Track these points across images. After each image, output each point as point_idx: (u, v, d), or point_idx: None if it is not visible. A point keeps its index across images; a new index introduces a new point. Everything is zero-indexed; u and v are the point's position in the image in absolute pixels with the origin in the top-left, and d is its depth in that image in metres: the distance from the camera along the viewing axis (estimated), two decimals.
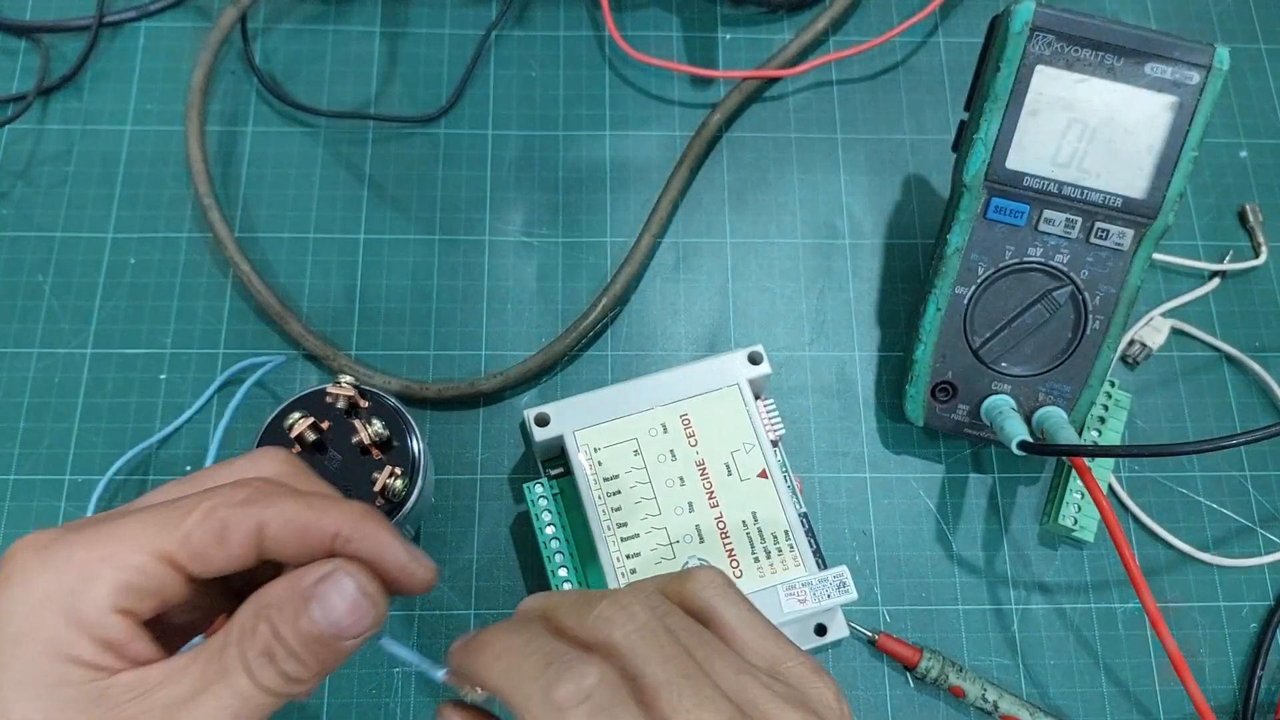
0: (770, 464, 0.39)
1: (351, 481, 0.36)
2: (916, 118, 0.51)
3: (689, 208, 0.49)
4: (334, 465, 0.36)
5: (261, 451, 0.27)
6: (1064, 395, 0.42)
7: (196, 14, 0.51)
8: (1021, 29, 0.39)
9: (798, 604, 0.37)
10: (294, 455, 0.28)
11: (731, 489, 0.39)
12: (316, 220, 0.48)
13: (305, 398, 0.37)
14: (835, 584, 0.37)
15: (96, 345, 0.45)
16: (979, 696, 0.41)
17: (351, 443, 0.36)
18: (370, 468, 0.36)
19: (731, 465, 0.39)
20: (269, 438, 0.36)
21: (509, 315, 0.47)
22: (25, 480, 0.43)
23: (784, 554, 0.38)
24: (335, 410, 0.37)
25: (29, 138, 0.48)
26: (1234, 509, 0.45)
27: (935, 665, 0.41)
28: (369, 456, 0.37)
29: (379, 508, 0.36)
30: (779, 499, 0.39)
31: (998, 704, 0.40)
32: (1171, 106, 0.39)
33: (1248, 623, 0.43)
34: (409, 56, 0.51)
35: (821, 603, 0.37)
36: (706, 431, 0.40)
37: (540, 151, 0.49)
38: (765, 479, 0.39)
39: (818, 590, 0.37)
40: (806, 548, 0.38)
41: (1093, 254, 0.41)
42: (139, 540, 0.24)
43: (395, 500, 0.36)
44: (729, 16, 0.53)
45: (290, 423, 0.36)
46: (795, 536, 0.38)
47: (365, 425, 0.36)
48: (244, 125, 0.49)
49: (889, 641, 0.41)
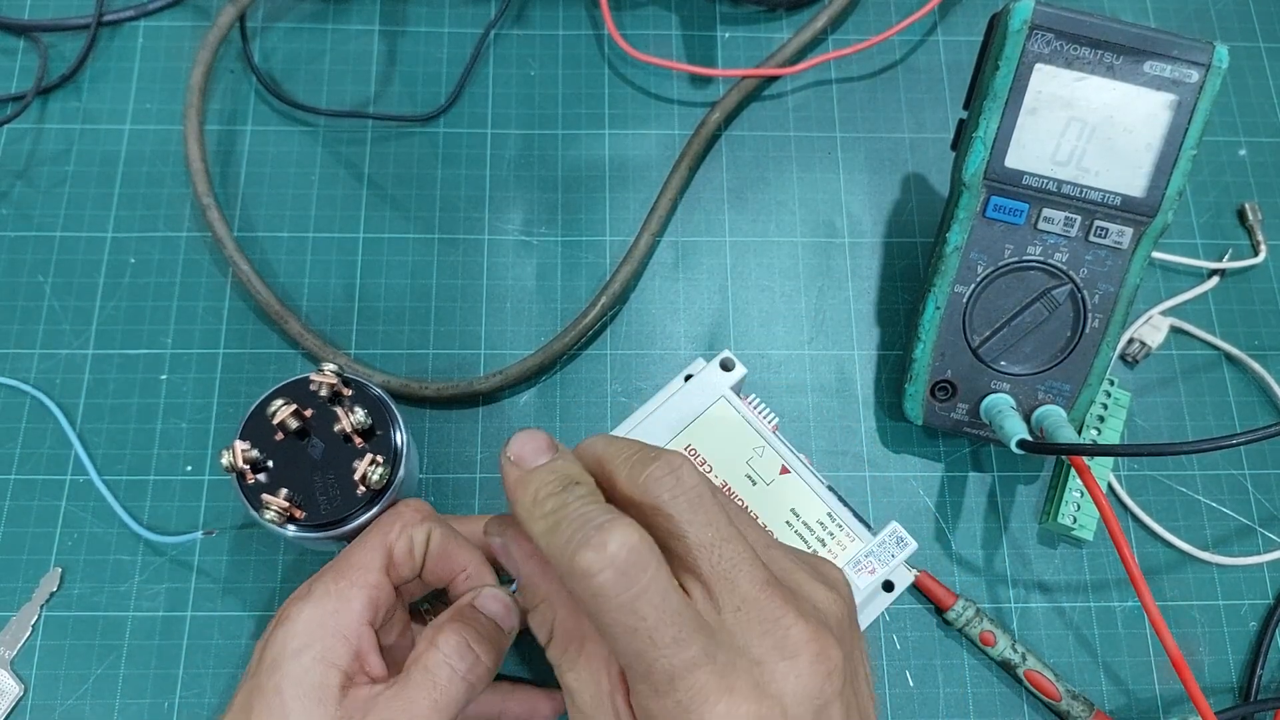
0: (786, 458, 0.39)
1: (334, 469, 0.36)
2: (915, 116, 0.51)
3: (688, 206, 0.49)
4: (316, 452, 0.36)
5: (409, 501, 0.36)
6: (1063, 394, 0.42)
7: (195, 13, 0.51)
8: (1020, 27, 0.39)
9: (869, 575, 0.38)
10: (428, 504, 0.36)
11: (763, 497, 0.39)
12: (315, 219, 0.48)
13: (289, 385, 0.37)
14: (894, 542, 0.38)
15: (98, 346, 0.45)
16: (1008, 646, 0.41)
17: (334, 430, 0.36)
18: (351, 455, 0.36)
19: (753, 475, 0.39)
20: (252, 424, 0.36)
21: (508, 314, 0.47)
22: (25, 480, 0.43)
23: (836, 536, 0.38)
24: (318, 398, 0.37)
25: (28, 137, 0.48)
26: (1233, 508, 0.45)
27: (969, 611, 0.42)
28: (351, 445, 0.37)
29: (360, 496, 0.36)
30: (809, 487, 0.39)
31: (1026, 656, 0.41)
32: (1171, 105, 0.39)
33: (1247, 621, 0.43)
34: (408, 55, 0.51)
35: (888, 564, 0.38)
36: (716, 454, 0.39)
37: (539, 150, 0.49)
38: (788, 474, 0.39)
39: (880, 555, 0.38)
40: (853, 520, 0.39)
41: (1092, 252, 0.41)
42: (371, 564, 0.33)
43: (375, 488, 0.36)
44: (728, 15, 0.53)
45: (273, 410, 0.36)
46: (839, 515, 0.39)
47: (348, 413, 0.36)
48: (243, 124, 0.49)
49: (928, 580, 0.42)
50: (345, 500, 0.36)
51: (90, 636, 0.41)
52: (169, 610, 0.41)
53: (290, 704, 0.30)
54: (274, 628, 0.33)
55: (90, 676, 0.40)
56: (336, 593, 0.32)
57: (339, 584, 0.33)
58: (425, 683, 0.31)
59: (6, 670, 0.40)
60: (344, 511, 0.36)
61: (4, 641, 0.41)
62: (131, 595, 0.41)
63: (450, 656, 0.31)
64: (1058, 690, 0.41)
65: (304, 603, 0.32)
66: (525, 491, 0.27)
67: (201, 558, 0.42)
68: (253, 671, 0.32)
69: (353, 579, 0.33)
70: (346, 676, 0.31)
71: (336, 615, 0.32)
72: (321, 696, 0.31)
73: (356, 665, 0.32)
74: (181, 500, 0.43)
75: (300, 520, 0.36)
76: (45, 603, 0.41)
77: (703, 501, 0.26)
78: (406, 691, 0.31)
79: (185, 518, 0.43)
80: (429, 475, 0.44)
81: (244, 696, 0.32)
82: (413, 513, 0.35)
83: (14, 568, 0.42)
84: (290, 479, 0.36)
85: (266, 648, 0.32)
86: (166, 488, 0.43)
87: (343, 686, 0.31)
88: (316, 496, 0.36)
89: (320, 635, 0.31)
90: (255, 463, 0.36)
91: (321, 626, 0.32)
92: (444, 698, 0.31)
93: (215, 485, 0.43)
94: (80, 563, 0.42)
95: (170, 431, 0.44)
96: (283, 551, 0.42)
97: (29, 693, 0.40)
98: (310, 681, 0.31)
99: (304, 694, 0.31)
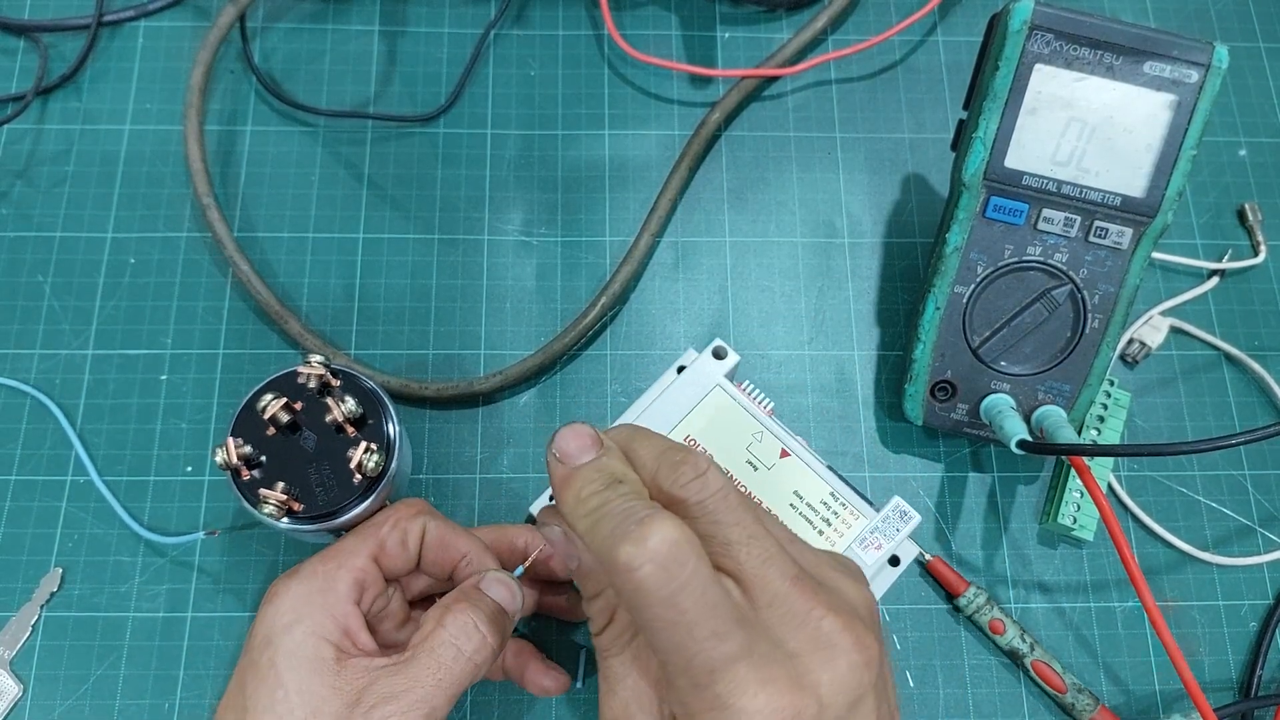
0: (785, 441, 0.40)
1: (328, 460, 0.36)
2: (915, 117, 0.51)
3: (688, 207, 0.49)
4: (309, 444, 0.36)
5: (406, 500, 0.37)
6: (1063, 394, 0.42)
7: (195, 13, 0.51)
8: (1020, 28, 0.39)
9: (875, 552, 0.38)
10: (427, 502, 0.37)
11: (765, 482, 0.39)
12: (315, 220, 0.48)
13: (277, 379, 0.37)
14: (897, 516, 0.38)
15: (97, 346, 0.45)
16: (1017, 636, 0.41)
17: (325, 421, 0.37)
18: (345, 445, 0.36)
19: (754, 460, 0.39)
20: (243, 420, 0.36)
21: (508, 314, 0.47)
22: (25, 481, 0.43)
23: (840, 514, 0.39)
24: (308, 391, 0.37)
25: (28, 137, 0.48)
26: (1233, 508, 0.45)
27: (981, 598, 0.42)
28: (344, 435, 0.37)
29: (356, 484, 0.36)
30: (809, 468, 0.39)
31: (1034, 646, 0.41)
32: (1170, 105, 0.39)
33: (1247, 622, 0.43)
34: (408, 55, 0.51)
35: (894, 539, 0.38)
36: (716, 443, 0.40)
37: (539, 151, 0.49)
38: (788, 457, 0.40)
39: (885, 530, 0.38)
40: (855, 497, 0.39)
41: (1092, 253, 0.41)
42: (358, 550, 0.34)
43: (371, 476, 0.36)
44: (728, 15, 0.53)
45: (264, 404, 0.36)
46: (841, 494, 0.39)
47: (338, 403, 0.36)
48: (243, 125, 0.49)
49: (940, 565, 0.43)
50: (342, 490, 0.36)
51: (90, 637, 0.41)
52: (169, 611, 0.41)
53: (285, 676, 0.31)
54: (263, 607, 0.33)
55: (90, 677, 0.40)
56: (324, 573, 0.33)
57: (325, 565, 0.33)
58: (430, 662, 0.31)
59: (6, 671, 0.40)
60: (341, 501, 0.36)
61: (3, 642, 0.41)
62: (132, 596, 0.41)
63: (457, 637, 0.32)
64: (1064, 683, 0.41)
65: (291, 580, 0.33)
66: (569, 490, 0.28)
67: (201, 558, 0.42)
68: (245, 650, 0.33)
69: (340, 561, 0.34)
70: (339, 650, 0.32)
71: (323, 594, 0.32)
72: (316, 668, 0.31)
73: (347, 641, 0.32)
74: (181, 501, 0.43)
75: (298, 513, 0.36)
76: (45, 603, 0.41)
77: (729, 501, 0.27)
78: (411, 669, 0.31)
79: (185, 518, 0.43)
80: (429, 475, 0.44)
81: (238, 675, 0.32)
82: (407, 508, 0.36)
83: (14, 568, 0.42)
84: (286, 473, 0.36)
85: (257, 626, 0.33)
86: (166, 488, 0.43)
87: (337, 659, 0.31)
88: (313, 488, 0.36)
89: (308, 611, 0.32)
90: (250, 459, 0.36)
91: (308, 603, 0.32)
92: (448, 677, 0.31)
93: (215, 486, 0.43)
94: (80, 563, 0.42)
95: (170, 432, 0.44)
96: (283, 552, 0.42)
97: (28, 693, 0.40)
98: (303, 654, 0.31)
99: (298, 666, 0.31)
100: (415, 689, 0.31)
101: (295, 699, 0.30)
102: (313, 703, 0.30)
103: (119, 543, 0.42)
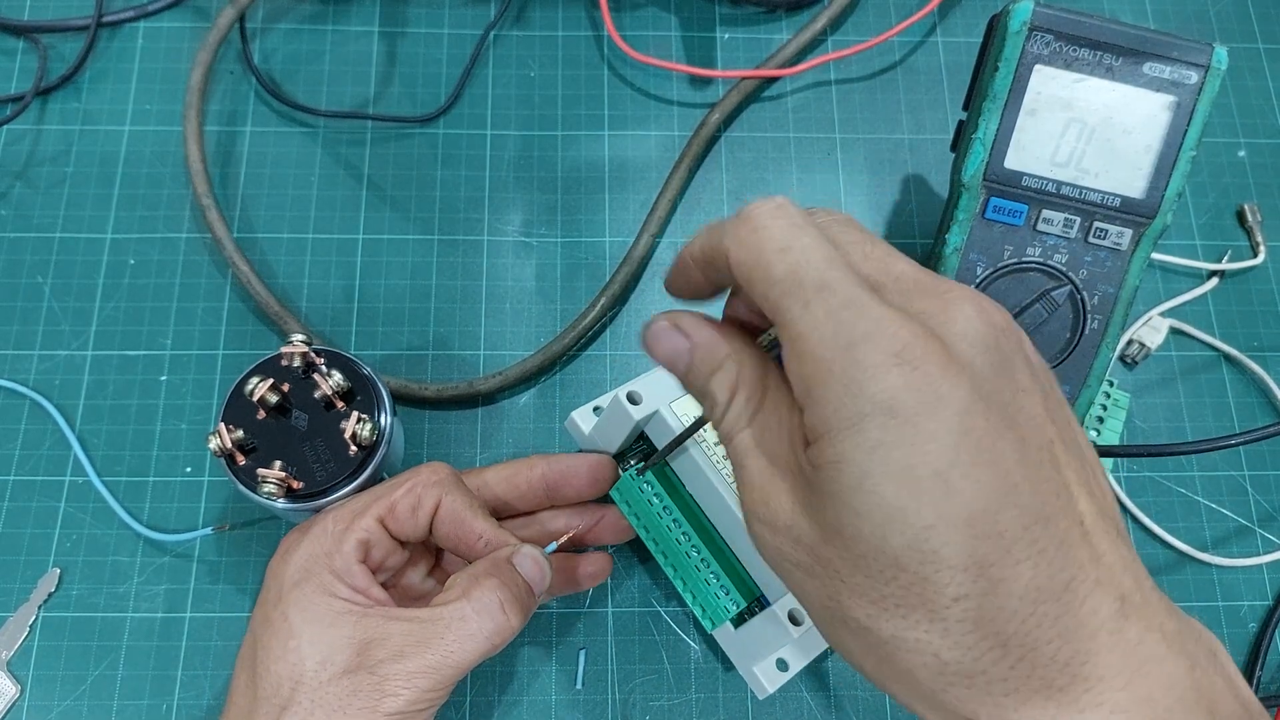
0: None
1: (322, 436, 0.37)
2: (915, 117, 0.51)
3: (688, 207, 0.49)
4: (302, 424, 0.37)
5: (431, 464, 0.36)
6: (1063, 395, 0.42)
7: (195, 14, 0.51)
8: (1020, 28, 0.39)
9: None
10: (452, 468, 0.36)
11: None
12: (315, 220, 0.48)
13: (263, 364, 0.37)
14: None
15: (97, 347, 0.45)
16: None
17: (315, 398, 0.37)
18: (337, 419, 0.37)
19: None
20: (232, 405, 0.36)
21: (507, 315, 0.47)
22: (24, 481, 0.43)
23: None
24: (294, 371, 0.37)
25: (27, 138, 0.48)
26: (1232, 509, 0.45)
27: None
28: (334, 409, 0.37)
29: (353, 456, 0.36)
30: None
31: None
32: (1170, 106, 0.39)
33: (1246, 622, 0.43)
34: (407, 56, 0.51)
35: None
36: None
37: (539, 151, 0.49)
38: None
39: None
40: None
41: (1091, 254, 0.41)
42: (366, 511, 0.34)
43: (366, 445, 0.36)
44: (727, 16, 0.53)
45: (251, 388, 0.36)
46: None
47: (325, 379, 0.36)
48: (242, 125, 0.49)
49: None
50: (339, 463, 0.36)
51: (88, 637, 0.41)
52: (167, 611, 0.41)
53: (297, 626, 0.31)
54: (276, 562, 0.34)
55: (88, 678, 0.40)
56: (333, 534, 0.34)
57: (336, 525, 0.34)
58: (446, 633, 0.32)
59: (3, 671, 0.40)
60: (340, 474, 0.36)
61: (1, 642, 0.41)
62: (130, 596, 0.41)
63: (480, 613, 0.32)
64: None
65: (302, 537, 0.34)
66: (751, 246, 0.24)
67: (201, 559, 0.42)
68: (259, 604, 0.33)
69: (348, 523, 0.34)
70: (349, 604, 0.32)
71: (329, 556, 0.33)
72: (331, 620, 0.32)
73: (359, 595, 0.33)
74: (181, 501, 0.43)
75: (298, 490, 0.36)
76: (43, 603, 0.41)
77: (837, 216, 0.25)
78: (428, 635, 0.31)
79: (185, 519, 0.43)
80: None
81: (252, 628, 0.33)
82: (430, 473, 0.35)
83: (12, 568, 0.42)
84: (281, 454, 0.36)
85: (270, 580, 0.34)
86: (166, 489, 0.43)
87: (349, 612, 0.32)
88: (310, 465, 0.36)
89: (316, 571, 0.33)
90: (243, 444, 0.36)
91: (315, 560, 0.33)
92: (460, 651, 0.31)
93: (215, 486, 0.43)
94: (79, 564, 0.42)
95: (169, 433, 0.44)
96: None
97: (26, 694, 0.40)
98: (316, 608, 0.32)
99: (312, 619, 0.32)
100: (426, 655, 0.31)
101: (307, 649, 0.31)
102: (324, 652, 0.31)
103: (117, 543, 0.42)
